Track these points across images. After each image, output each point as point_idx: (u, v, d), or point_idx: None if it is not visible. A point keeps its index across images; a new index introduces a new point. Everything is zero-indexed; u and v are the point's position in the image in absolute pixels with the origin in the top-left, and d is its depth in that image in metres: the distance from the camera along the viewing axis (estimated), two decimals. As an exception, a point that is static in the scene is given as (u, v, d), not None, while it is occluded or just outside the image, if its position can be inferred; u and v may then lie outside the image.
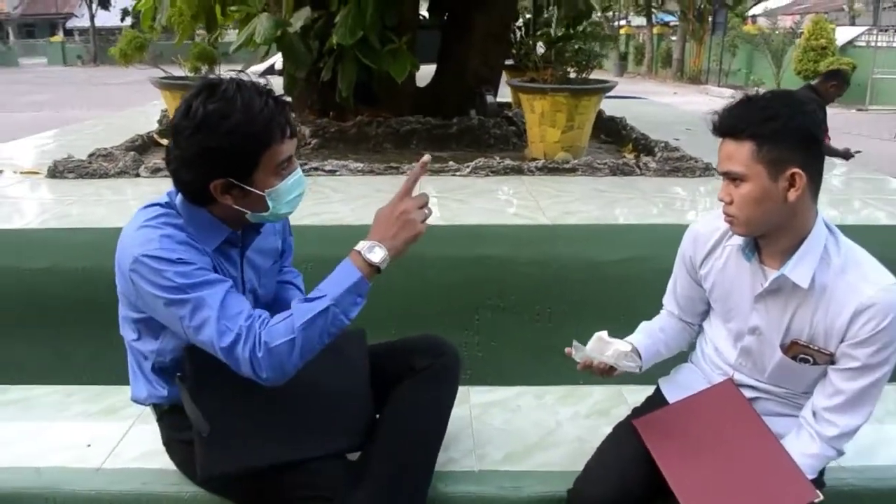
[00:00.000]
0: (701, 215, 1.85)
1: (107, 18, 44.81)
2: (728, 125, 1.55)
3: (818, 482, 1.73)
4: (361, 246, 1.54)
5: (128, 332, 1.70)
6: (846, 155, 5.94)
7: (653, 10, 32.50)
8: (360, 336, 1.86)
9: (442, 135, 4.47)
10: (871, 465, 1.97)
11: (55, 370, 2.41)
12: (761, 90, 1.63)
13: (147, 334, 1.67)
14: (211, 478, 1.65)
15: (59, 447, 2.00)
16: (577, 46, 3.91)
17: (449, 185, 3.32)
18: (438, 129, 4.47)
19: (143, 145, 4.35)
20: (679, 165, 3.55)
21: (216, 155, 1.48)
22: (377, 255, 1.52)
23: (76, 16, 55.14)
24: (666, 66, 30.78)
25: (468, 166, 3.51)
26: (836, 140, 6.34)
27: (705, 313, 1.90)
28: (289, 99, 4.18)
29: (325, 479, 1.63)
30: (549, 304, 2.64)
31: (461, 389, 2.26)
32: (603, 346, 1.73)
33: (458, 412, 2.14)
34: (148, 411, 1.85)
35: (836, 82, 6.00)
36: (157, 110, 5.61)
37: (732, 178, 1.55)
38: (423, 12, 5.33)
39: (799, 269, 1.57)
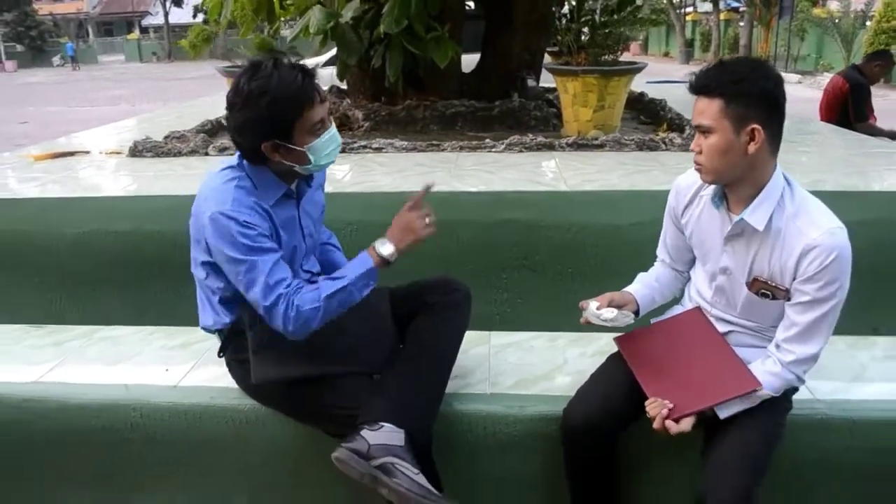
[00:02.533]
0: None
1: (180, 15, 46.28)
2: (702, 84, 1.81)
3: (786, 406, 1.99)
4: (378, 242, 1.96)
5: (199, 272, 2.07)
6: (893, 135, 5.99)
7: (719, -5, 31.89)
8: (383, 290, 2.19)
9: (485, 117, 4.75)
10: (842, 399, 2.18)
11: (138, 315, 2.81)
12: (828, 75, 1.87)
13: (214, 275, 2.03)
14: (261, 385, 2.01)
15: (142, 372, 2.39)
16: (607, 31, 4.15)
17: (484, 159, 3.62)
18: (482, 112, 4.75)
19: (211, 129, 4.78)
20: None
21: (261, 122, 1.85)
22: (387, 249, 1.94)
23: (151, 14, 57.09)
24: (733, 53, 30.21)
25: (503, 143, 3.80)
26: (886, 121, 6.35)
27: (692, 261, 2.16)
28: (343, 86, 4.55)
29: (351, 393, 1.97)
30: (569, 265, 2.91)
31: (482, 334, 2.59)
32: (595, 318, 2.02)
33: (477, 351, 2.48)
34: (213, 346, 2.23)
35: (882, 62, 6.04)
36: (223, 99, 6.06)
37: (703, 130, 1.81)
38: (470, 2, 5.62)
39: (756, 214, 1.83)
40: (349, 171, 3.48)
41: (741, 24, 29.40)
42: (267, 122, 1.84)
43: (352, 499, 2.19)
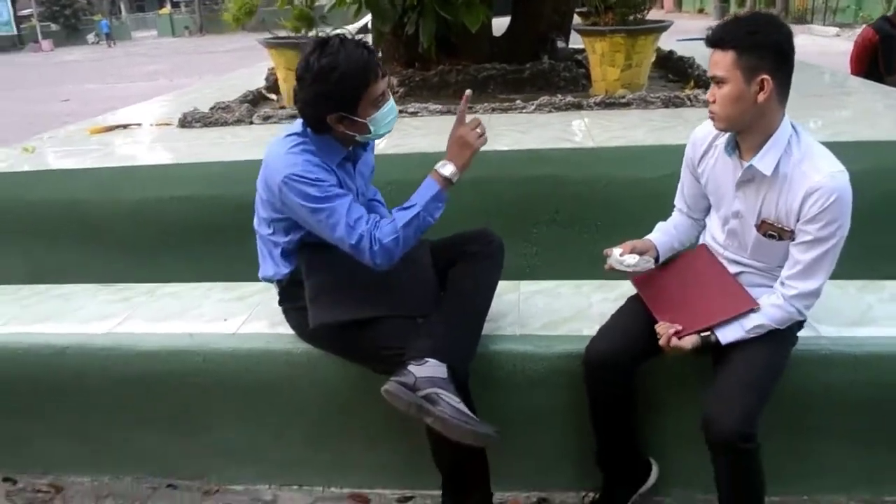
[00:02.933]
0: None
1: (211, -12, 46.52)
2: (717, 38, 1.95)
3: (790, 340, 2.14)
4: (438, 165, 2.15)
5: (263, 228, 2.30)
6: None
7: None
8: (424, 244, 2.39)
9: (516, 79, 4.87)
10: (845, 336, 2.33)
11: (196, 273, 3.04)
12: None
13: (279, 230, 2.26)
14: (316, 329, 2.23)
15: (204, 322, 2.63)
16: (633, -9, 4.24)
17: (515, 119, 3.78)
18: (512, 74, 4.88)
19: (253, 99, 4.98)
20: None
21: (329, 97, 2.05)
22: (448, 169, 2.14)
23: (182, -13, 57.36)
24: (770, 6, 29.53)
25: (533, 104, 3.94)
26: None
27: (707, 209, 2.32)
28: (378, 53, 4.71)
29: (397, 334, 2.18)
30: (597, 218, 3.08)
31: (512, 283, 2.78)
32: (618, 264, 2.20)
33: (508, 297, 2.66)
34: (267, 298, 2.45)
35: (912, 15, 6.01)
36: (262, 71, 6.26)
37: (717, 80, 1.96)
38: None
39: (764, 161, 1.98)
40: (388, 134, 3.66)
41: (779, -24, 28.67)
42: (336, 96, 2.04)
43: (397, 432, 2.42)
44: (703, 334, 2.05)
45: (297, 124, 2.20)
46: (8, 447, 2.76)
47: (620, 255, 2.21)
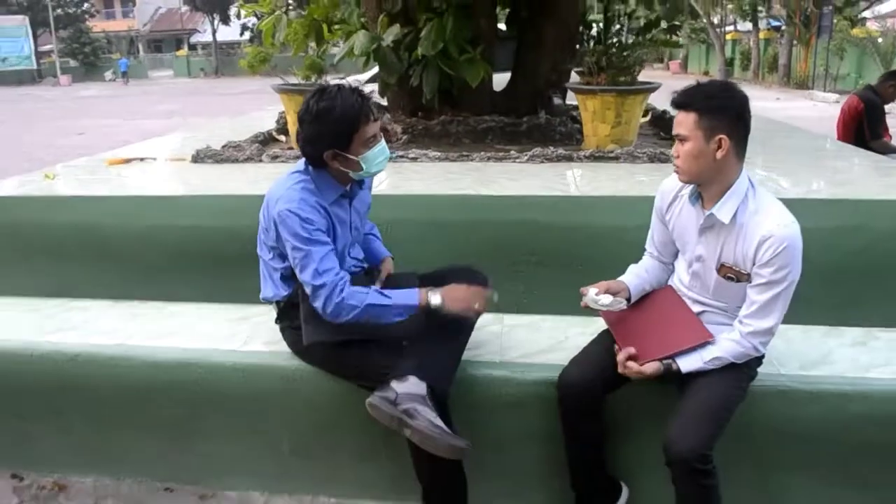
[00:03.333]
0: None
1: (227, 33, 47.68)
2: (680, 101, 2.19)
3: (749, 374, 2.33)
4: (432, 292, 2.33)
5: (264, 252, 2.52)
6: (905, 151, 6.24)
7: (759, 14, 31.92)
8: (413, 276, 2.62)
9: (513, 131, 5.14)
10: (803, 374, 2.52)
11: (204, 294, 3.25)
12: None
13: (277, 256, 2.49)
14: (309, 346, 2.44)
15: (207, 338, 2.83)
16: (625, 54, 4.53)
17: (508, 168, 4.02)
18: (510, 127, 5.15)
19: (264, 140, 5.26)
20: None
21: (325, 135, 2.30)
22: (435, 300, 2.33)
23: (199, 31, 58.75)
24: (772, 72, 30.20)
25: (526, 154, 4.19)
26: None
27: (676, 254, 2.53)
28: (384, 102, 5.02)
29: (384, 354, 2.38)
30: (579, 261, 3.29)
31: (497, 316, 2.97)
32: (593, 303, 2.40)
33: (491, 329, 2.86)
34: (267, 319, 2.66)
35: (895, 82, 6.31)
36: (273, 114, 6.56)
37: (680, 138, 2.19)
38: (502, 26, 6.04)
39: (723, 210, 2.20)
40: (387, 177, 3.91)
41: (781, 43, 29.40)
42: (331, 135, 2.30)
43: (383, 447, 2.59)
44: (664, 362, 2.24)
45: (301, 163, 2.45)
46: (18, 445, 2.94)
47: (595, 295, 2.41)
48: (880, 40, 22.59)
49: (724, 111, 2.13)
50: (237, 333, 2.85)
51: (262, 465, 2.80)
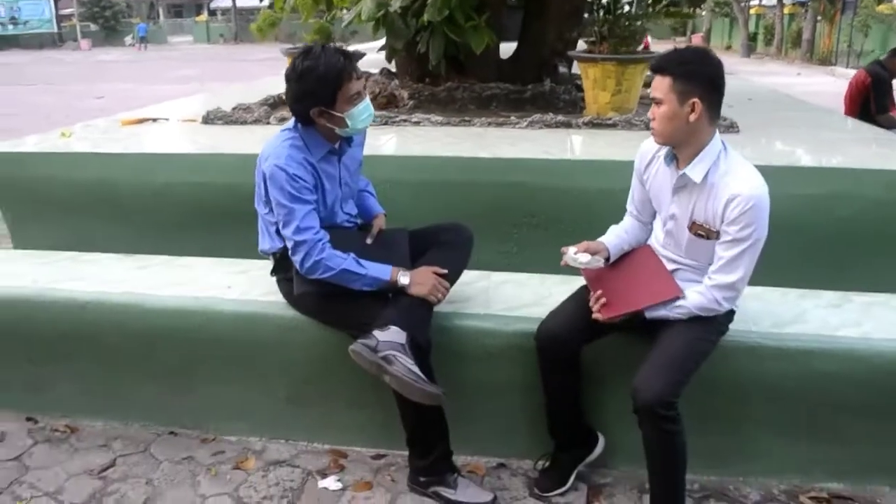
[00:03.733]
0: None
1: (247, -1, 47.49)
2: (657, 66, 2.29)
3: (718, 328, 2.44)
4: (402, 273, 2.49)
5: (261, 208, 2.65)
6: (910, 125, 6.27)
7: (784, -12, 31.44)
8: (403, 232, 2.75)
9: (518, 99, 5.23)
10: (773, 331, 2.62)
11: (209, 249, 3.39)
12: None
13: (272, 210, 2.60)
14: (301, 296, 2.59)
15: (210, 289, 2.97)
16: (626, 23, 4.59)
17: (508, 133, 4.13)
18: (515, 94, 5.24)
19: (273, 103, 5.38)
20: (706, 123, 4.18)
21: (311, 93, 2.43)
22: (403, 280, 2.49)
23: (220, -3, 58.55)
24: (796, 47, 29.81)
25: (526, 120, 4.29)
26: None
27: (654, 214, 2.64)
28: (392, 68, 5.10)
29: (370, 305, 2.52)
30: (569, 222, 3.42)
31: (484, 272, 3.09)
32: (572, 261, 2.51)
33: (479, 284, 2.99)
34: (266, 274, 2.80)
35: (902, 58, 6.33)
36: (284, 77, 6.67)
37: (656, 102, 2.29)
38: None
39: (695, 170, 2.30)
40: (389, 139, 4.03)
41: (805, 18, 28.98)
42: (316, 93, 2.41)
43: (373, 396, 2.73)
44: None
45: (292, 121, 2.58)
46: (31, 390, 3.11)
47: (575, 254, 2.52)
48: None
49: (697, 76, 2.23)
50: (237, 284, 2.99)
51: (260, 411, 2.96)
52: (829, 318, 2.73)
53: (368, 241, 2.67)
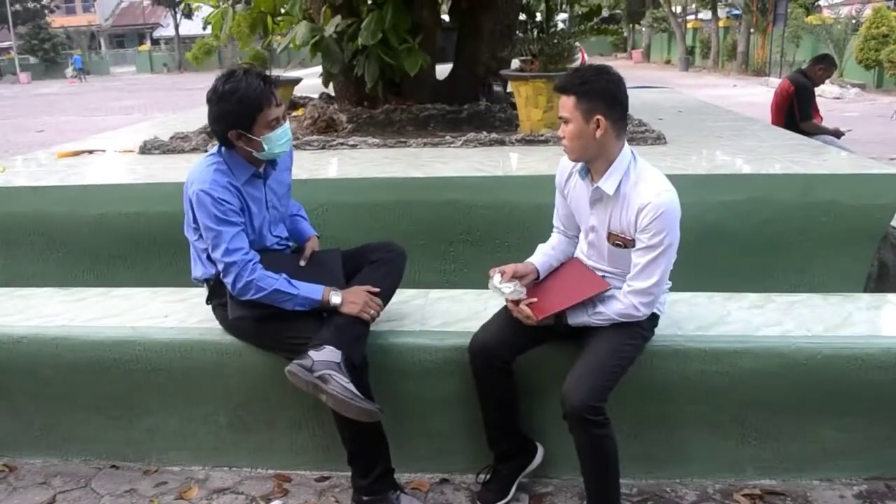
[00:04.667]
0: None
1: (190, 27, 47.12)
2: (560, 86, 2.39)
3: (641, 333, 2.52)
4: (335, 291, 2.54)
5: (190, 234, 2.66)
6: (837, 133, 6.55)
7: (718, 2, 32.41)
8: (336, 252, 2.79)
9: (454, 118, 5.33)
10: (698, 334, 2.72)
11: (144, 279, 3.40)
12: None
13: (201, 237, 2.62)
14: (236, 321, 2.60)
15: (147, 319, 2.96)
16: (555, 42, 4.73)
17: (442, 153, 4.21)
18: (451, 114, 5.34)
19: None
20: (636, 135, 4.33)
21: (229, 115, 2.46)
22: (335, 300, 2.53)
23: (162, 25, 58.03)
24: (731, 59, 30.70)
25: (461, 139, 4.38)
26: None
27: (579, 227, 2.72)
28: (331, 92, 5.14)
29: (304, 327, 2.55)
30: (505, 238, 3.50)
31: (421, 290, 3.14)
32: (495, 289, 2.56)
33: (415, 302, 3.04)
34: (203, 301, 2.81)
35: (824, 66, 6.61)
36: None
37: (564, 120, 2.38)
38: (445, 16, 6.21)
39: (607, 183, 2.40)
40: (326, 163, 4.08)
41: (739, 31, 29.90)
42: (234, 115, 2.45)
43: (315, 419, 2.77)
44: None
45: (216, 146, 2.61)
46: (-33, 430, 3.05)
47: (499, 282, 2.55)
48: (838, 26, 23.07)
49: (598, 94, 2.32)
50: (175, 313, 2.99)
51: (202, 439, 2.94)
52: (751, 319, 2.84)
53: (302, 263, 2.70)
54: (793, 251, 3.50)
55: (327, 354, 2.42)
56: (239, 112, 2.44)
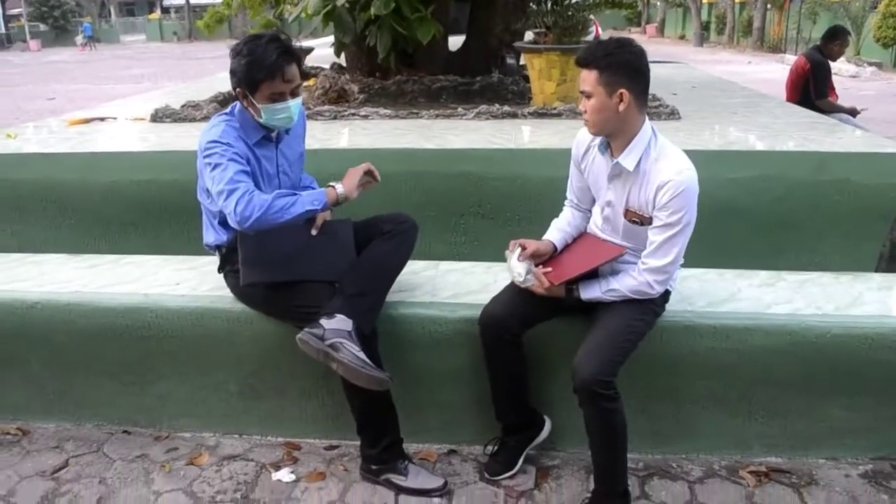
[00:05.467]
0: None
1: (201, -4, 46.84)
2: (583, 59, 2.36)
3: (653, 309, 2.52)
4: (337, 183, 2.55)
5: (203, 197, 2.67)
6: (853, 112, 6.48)
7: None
8: (348, 222, 2.79)
9: (467, 91, 5.30)
10: (708, 310, 2.72)
11: (157, 247, 3.41)
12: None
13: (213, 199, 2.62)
14: (248, 289, 2.61)
15: (159, 286, 2.98)
16: (569, 14, 4.68)
17: (454, 125, 4.19)
18: (464, 86, 5.31)
19: (224, 100, 5.37)
20: (650, 110, 4.27)
21: (238, 73, 2.49)
22: (340, 190, 2.55)
23: (173, -7, 57.65)
24: (747, 36, 30.35)
25: (473, 111, 4.36)
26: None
27: (593, 201, 2.71)
28: (342, 62, 5.10)
29: (316, 295, 2.56)
30: (515, 211, 3.49)
31: (432, 262, 3.15)
32: (509, 270, 2.56)
33: (426, 273, 3.05)
34: (214, 269, 2.82)
35: (839, 41, 6.52)
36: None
37: (586, 95, 2.36)
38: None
39: (628, 158, 2.38)
40: (337, 133, 4.07)
41: (755, 6, 29.49)
42: (243, 74, 2.48)
43: (324, 387, 2.79)
44: (569, 287, 2.47)
45: (230, 107, 2.63)
46: (-19, 394, 3.09)
47: (516, 262, 2.53)
48: (857, 3, 22.75)
49: (622, 67, 2.30)
50: (186, 280, 3.00)
51: (212, 406, 2.98)
52: (762, 297, 2.84)
53: (313, 232, 2.70)
54: (805, 229, 3.48)
55: (338, 323, 2.43)
56: (245, 74, 2.47)
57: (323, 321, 2.44)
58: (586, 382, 2.29)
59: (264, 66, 2.44)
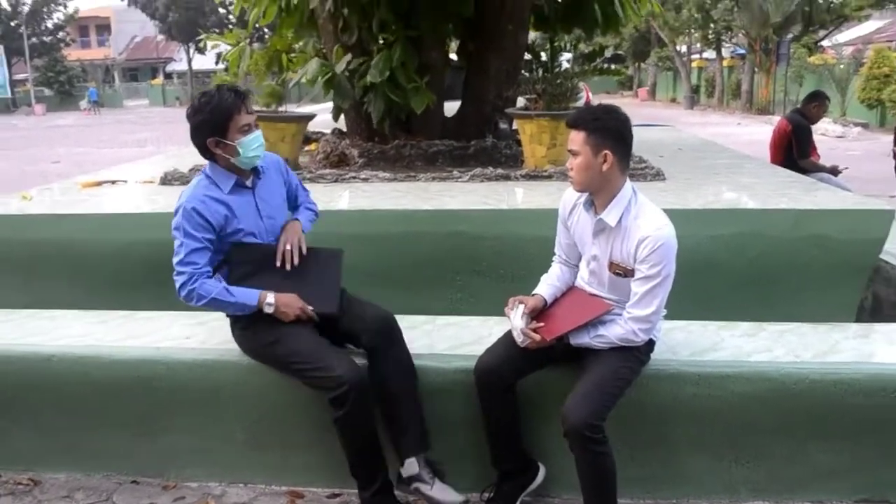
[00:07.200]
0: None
1: (203, 62, 47.90)
2: (573, 121, 2.58)
3: (639, 357, 2.67)
4: (269, 297, 2.75)
5: None
6: (834, 171, 6.73)
7: (723, 43, 32.87)
8: (338, 254, 3.00)
9: (462, 154, 5.53)
10: (692, 358, 2.87)
11: (168, 304, 3.54)
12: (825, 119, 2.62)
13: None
14: (246, 351, 2.86)
15: (170, 339, 3.13)
16: (558, 82, 4.95)
17: (450, 187, 4.40)
18: (459, 150, 5.54)
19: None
20: (635, 171, 4.51)
21: (206, 124, 2.73)
22: (269, 305, 2.75)
23: (175, 60, 58.94)
24: (736, 98, 31.06)
25: (468, 174, 4.57)
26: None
27: (580, 256, 2.89)
28: (342, 128, 5.30)
29: (307, 352, 2.72)
30: (510, 268, 3.66)
31: (429, 317, 3.30)
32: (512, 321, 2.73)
33: (424, 327, 3.20)
34: (223, 325, 2.99)
35: (818, 103, 6.80)
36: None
37: (573, 153, 2.57)
38: (454, 56, 6.46)
39: (610, 214, 2.57)
40: (338, 195, 4.27)
41: (743, 70, 30.29)
42: (210, 123, 2.71)
43: (327, 437, 2.88)
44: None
45: (203, 168, 2.87)
46: (-5, 444, 3.20)
47: (521, 318, 2.67)
48: (841, 66, 23.42)
49: (608, 130, 2.52)
50: (196, 335, 3.15)
51: (219, 456, 3.09)
52: (743, 346, 2.98)
53: (278, 263, 2.87)
54: (785, 283, 3.66)
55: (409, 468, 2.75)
56: (213, 120, 2.70)
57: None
58: (576, 427, 2.43)
59: (226, 105, 2.70)
